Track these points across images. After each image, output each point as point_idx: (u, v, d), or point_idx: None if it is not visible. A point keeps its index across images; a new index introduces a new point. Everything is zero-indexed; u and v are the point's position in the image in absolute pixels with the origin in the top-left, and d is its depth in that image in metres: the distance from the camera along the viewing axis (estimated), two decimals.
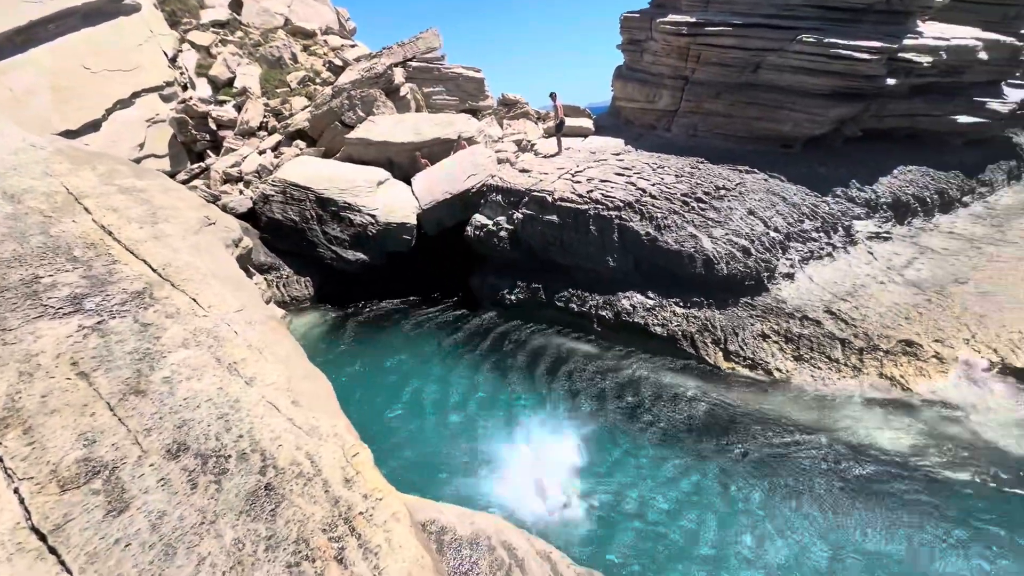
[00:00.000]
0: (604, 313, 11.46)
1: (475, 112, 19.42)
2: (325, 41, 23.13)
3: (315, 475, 2.13)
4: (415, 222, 13.99)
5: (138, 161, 16.59)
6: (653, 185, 12.24)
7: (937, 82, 15.15)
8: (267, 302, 4.91)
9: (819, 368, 9.41)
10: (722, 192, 12.21)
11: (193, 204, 4.03)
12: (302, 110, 18.38)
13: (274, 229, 14.49)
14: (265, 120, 18.43)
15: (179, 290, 2.87)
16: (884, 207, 13.73)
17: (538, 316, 12.33)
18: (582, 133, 17.32)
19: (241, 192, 15.59)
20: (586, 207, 11.87)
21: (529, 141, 16.71)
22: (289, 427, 2.29)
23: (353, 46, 23.31)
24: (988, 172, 16.54)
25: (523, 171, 14.25)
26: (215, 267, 3.24)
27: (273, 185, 14.77)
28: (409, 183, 15.15)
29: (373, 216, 13.92)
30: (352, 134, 16.09)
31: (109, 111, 16.89)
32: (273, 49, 21.04)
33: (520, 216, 12.67)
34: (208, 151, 17.71)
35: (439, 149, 15.73)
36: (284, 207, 14.48)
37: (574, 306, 11.91)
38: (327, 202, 14.25)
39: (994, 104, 16.17)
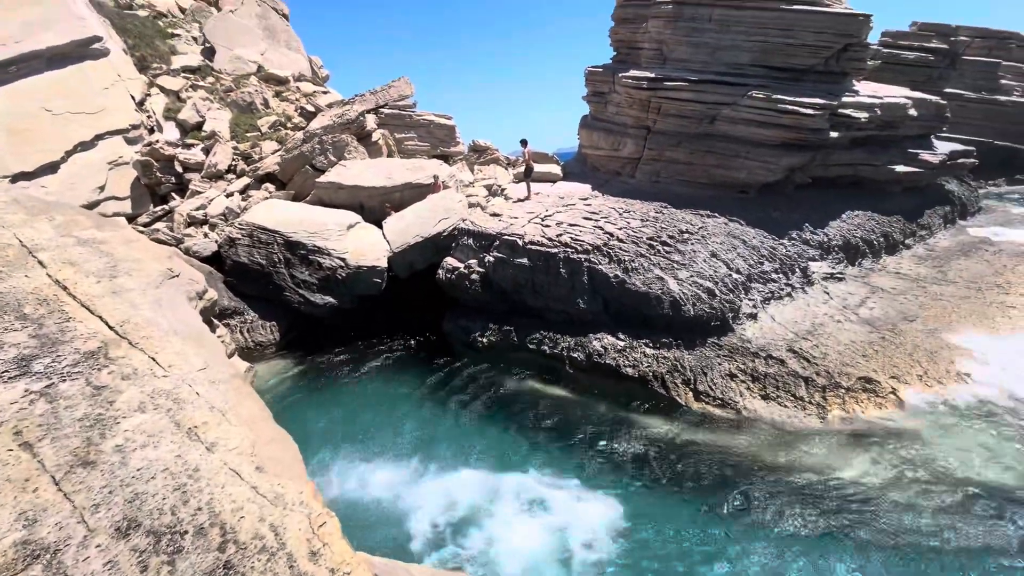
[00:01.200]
0: (576, 355, 11.50)
1: (446, 158, 19.83)
2: (298, 88, 23.46)
3: (279, 549, 1.99)
4: (386, 265, 13.92)
5: (97, 204, 16.13)
6: (620, 229, 12.62)
7: (875, 135, 16.43)
8: (230, 355, 4.73)
9: (786, 407, 9.61)
10: (685, 236, 12.68)
11: (157, 255, 3.90)
12: (272, 154, 18.38)
13: (239, 273, 14.14)
14: (234, 163, 18.31)
15: (137, 349, 2.73)
16: (836, 249, 14.50)
17: (510, 358, 12.27)
18: (551, 179, 17.86)
19: (206, 235, 15.25)
20: (556, 250, 12.11)
21: (499, 186, 17.10)
22: (252, 496, 2.16)
23: (326, 92, 23.69)
24: (926, 217, 17.78)
25: (494, 215, 14.50)
26: (177, 323, 3.11)
27: (240, 228, 14.52)
28: (380, 226, 15.16)
29: (343, 259, 13.80)
30: (323, 178, 16.12)
31: (69, 153, 16.47)
32: (244, 95, 21.18)
33: (491, 259, 12.79)
34: (172, 194, 17.38)
35: (410, 193, 15.90)
36: (251, 250, 14.21)
37: (546, 348, 11.92)
38: (296, 245, 14.07)
39: (926, 155, 17.57)
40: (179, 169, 17.63)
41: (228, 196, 16.79)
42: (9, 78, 16.31)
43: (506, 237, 12.90)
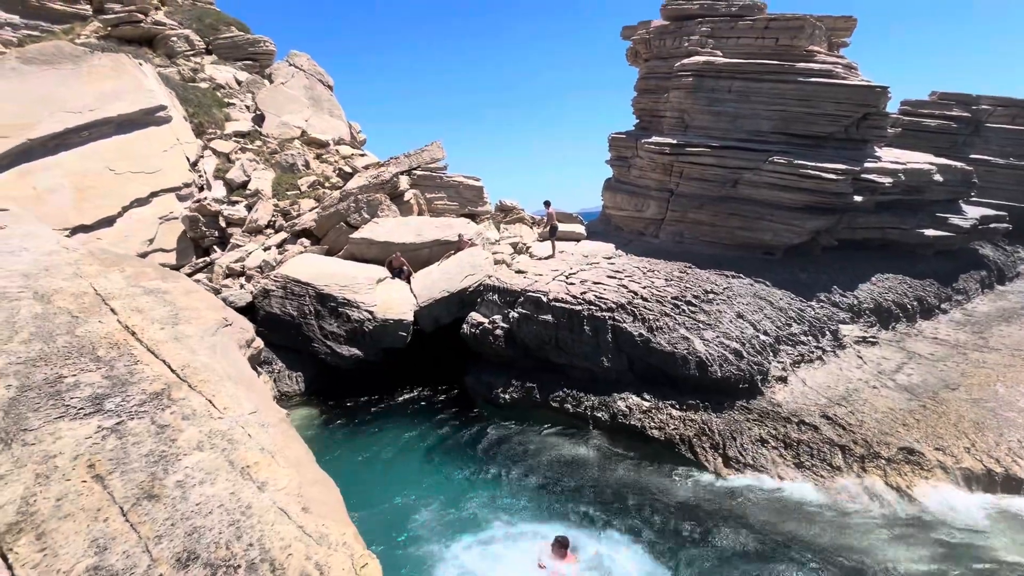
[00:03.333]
0: (600, 414, 11.31)
1: (474, 216, 20.57)
2: (337, 151, 25.04)
3: None
4: (412, 319, 14.21)
5: (146, 255, 17.12)
6: (644, 288, 12.72)
7: (901, 199, 16.49)
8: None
9: (822, 476, 9.16)
10: (711, 296, 12.67)
11: (212, 305, 4.20)
12: (310, 211, 19.40)
13: (271, 323, 14.61)
14: (274, 219, 19.36)
15: (196, 391, 2.92)
16: (867, 312, 14.22)
17: (533, 415, 12.12)
18: (575, 238, 18.27)
19: (242, 286, 15.93)
20: (580, 308, 12.22)
21: (525, 244, 17.55)
22: (299, 535, 2.24)
23: (363, 155, 25.20)
24: (961, 281, 17.38)
25: (519, 272, 14.82)
26: (230, 368, 3.32)
27: (275, 280, 15.16)
28: (408, 281, 15.62)
29: (371, 312, 14.17)
30: (356, 234, 16.87)
31: (125, 208, 17.73)
32: (288, 156, 22.70)
33: (516, 315, 12.96)
34: (215, 247, 18.36)
35: (439, 249, 16.44)
36: (283, 302, 14.75)
37: (569, 406, 11.77)
38: (326, 298, 14.55)
39: (955, 220, 17.45)
40: (223, 224, 18.73)
41: (266, 250, 17.65)
42: (81, 141, 17.96)
43: (531, 294, 13.11)
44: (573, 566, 7.12)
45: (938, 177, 16.93)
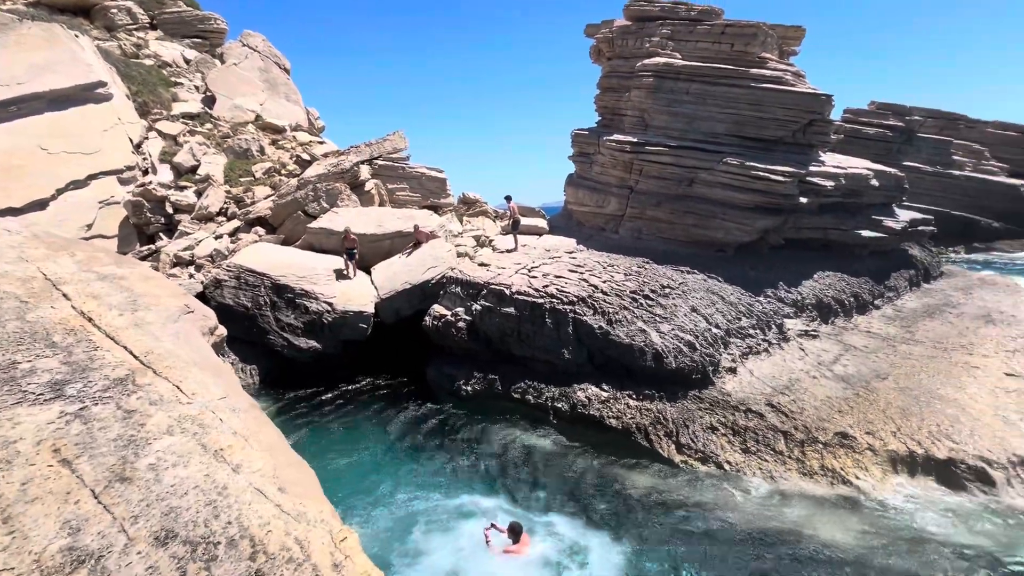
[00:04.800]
0: (560, 405, 11.58)
1: (436, 208, 20.43)
2: (294, 137, 24.22)
3: (304, 560, 2.09)
4: (372, 311, 14.04)
5: (84, 241, 16.09)
6: (604, 282, 13.07)
7: (841, 202, 17.57)
8: None
9: (766, 460, 9.76)
10: (667, 290, 13.17)
11: (173, 292, 4.06)
12: (265, 199, 18.74)
13: (223, 315, 14.00)
14: (225, 206, 18.59)
15: (162, 377, 2.85)
16: (810, 307, 15.14)
17: (494, 407, 12.27)
18: (537, 232, 18.49)
19: (191, 276, 15.25)
20: (542, 301, 12.43)
21: (488, 237, 17.62)
22: (277, 513, 2.26)
23: (321, 143, 24.50)
24: (892, 279, 18.73)
25: (482, 265, 14.89)
26: (195, 355, 3.24)
27: (228, 270, 14.60)
28: (369, 272, 15.40)
29: (330, 304, 13.90)
30: (314, 223, 16.45)
31: (60, 191, 16.58)
32: (241, 141, 21.79)
33: (479, 308, 13.04)
34: (161, 234, 17.47)
35: (400, 241, 16.27)
36: (237, 292, 14.24)
37: (530, 398, 11.98)
38: (283, 288, 14.16)
39: (889, 222, 18.76)
40: (170, 210, 17.83)
41: (217, 238, 16.94)
42: (9, 117, 16.62)
43: (493, 286, 13.22)
44: (526, 549, 7.34)
45: (874, 182, 18.16)
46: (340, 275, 14.79)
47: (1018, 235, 37.73)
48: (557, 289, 12.75)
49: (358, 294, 14.40)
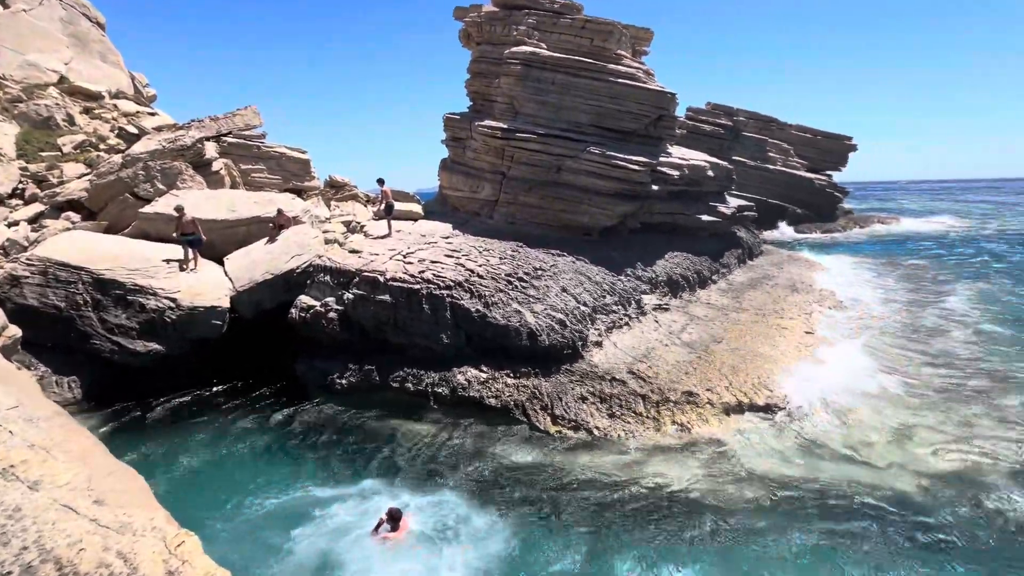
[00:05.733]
0: (441, 390, 11.56)
1: (300, 192, 18.88)
2: (115, 106, 20.53)
3: (131, 574, 1.78)
4: (228, 305, 12.58)
5: None
6: (480, 266, 13.23)
7: (686, 190, 19.79)
8: None
9: (628, 422, 10.78)
10: (539, 272, 13.76)
11: None
12: (78, 178, 15.68)
13: (25, 319, 11.54)
14: (21, 187, 15.21)
15: None
16: (662, 284, 16.92)
17: (373, 398, 11.84)
18: (412, 217, 18.05)
19: None
20: (419, 286, 12.22)
21: (358, 223, 16.76)
22: (93, 528, 1.88)
23: (153, 114, 21.10)
24: (726, 257, 21.70)
25: (353, 252, 14.15)
26: None
27: (29, 264, 12.01)
28: (221, 263, 13.76)
29: (173, 299, 12.16)
30: (149, 208, 14.21)
31: None
32: (39, 107, 17.93)
33: (351, 296, 12.41)
34: None
35: (258, 228, 14.76)
36: (44, 291, 11.80)
37: (410, 385, 11.78)
38: (109, 285, 12.05)
39: (722, 208, 21.61)
40: None
41: (10, 226, 13.83)
42: None
43: (367, 274, 12.66)
44: (404, 532, 7.32)
45: (711, 173, 20.77)
46: (181, 267, 13.00)
47: (815, 219, 46.17)
48: (434, 274, 12.62)
49: (209, 287, 12.79)
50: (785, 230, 43.56)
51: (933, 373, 13.14)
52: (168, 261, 13.02)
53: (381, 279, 12.43)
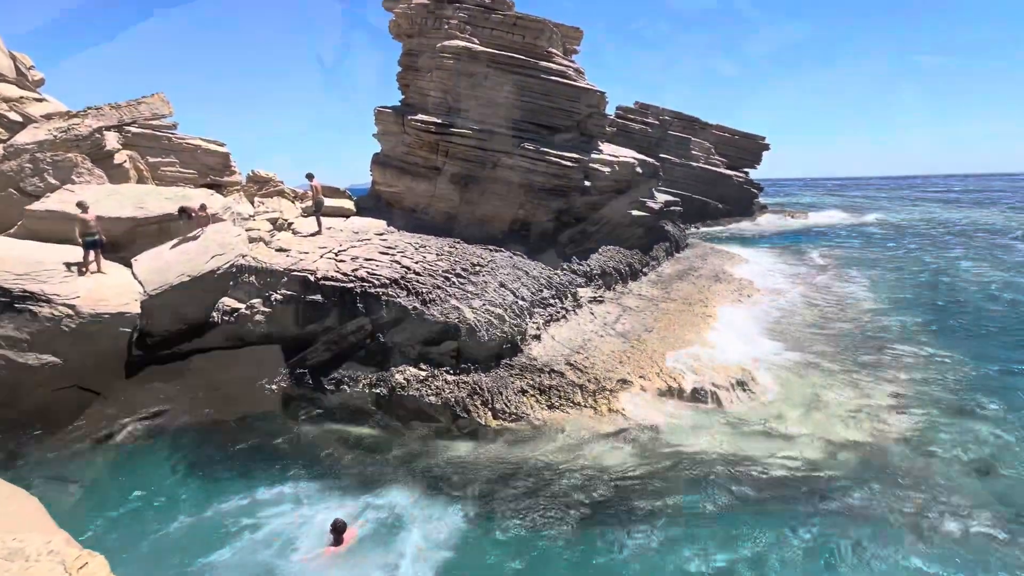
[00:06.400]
0: (379, 390, 11.27)
1: (219, 188, 17.65)
2: None
3: None
4: (138, 311, 11.56)
5: None
6: (417, 263, 13.02)
7: (615, 185, 20.42)
8: None
9: (568, 413, 11.04)
10: (477, 268, 13.74)
11: None
12: None
13: None
14: None
15: None
16: (597, 277, 17.44)
17: (305, 403, 11.32)
18: (344, 214, 17.41)
19: None
20: (352, 285, 11.83)
21: (286, 220, 15.95)
22: None
23: (40, 100, 18.85)
24: (655, 250, 22.69)
25: (280, 251, 13.45)
26: None
27: None
28: (129, 265, 12.61)
29: (71, 307, 10.99)
30: (39, 205, 12.75)
31: None
32: None
33: (279, 297, 11.80)
34: None
35: (170, 227, 13.64)
36: None
37: (346, 387, 11.39)
38: None
39: (651, 203, 22.53)
40: None
41: None
42: None
43: (296, 273, 12.09)
44: (348, 547, 7.10)
45: (639, 169, 21.60)
46: (80, 270, 11.76)
47: (734, 214, 49.40)
48: (368, 272, 12.25)
49: (114, 292, 11.67)
50: (708, 223, 46.28)
51: (834, 351, 14.53)
52: (68, 265, 11.75)
53: (312, 278, 11.91)
